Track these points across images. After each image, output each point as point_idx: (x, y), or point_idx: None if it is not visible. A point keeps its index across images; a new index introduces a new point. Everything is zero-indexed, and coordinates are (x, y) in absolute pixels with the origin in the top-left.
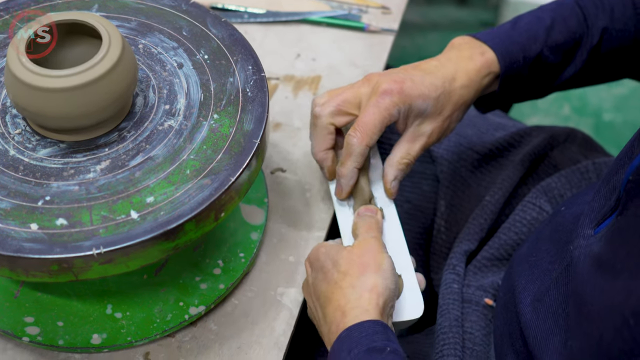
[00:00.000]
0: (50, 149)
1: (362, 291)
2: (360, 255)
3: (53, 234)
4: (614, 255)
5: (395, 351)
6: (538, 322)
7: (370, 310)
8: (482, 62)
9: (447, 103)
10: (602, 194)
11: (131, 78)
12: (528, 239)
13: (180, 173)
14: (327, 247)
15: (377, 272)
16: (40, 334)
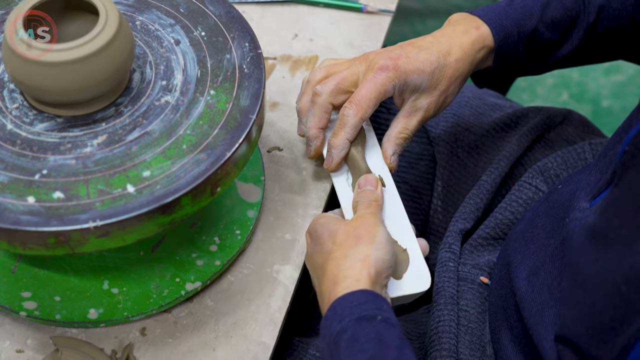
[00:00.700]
0: (47, 124)
1: (354, 262)
2: (355, 227)
3: (50, 207)
4: (608, 225)
5: (386, 320)
6: (533, 296)
7: (361, 280)
8: (477, 36)
9: (443, 77)
10: (598, 167)
11: (128, 53)
12: (524, 217)
13: (176, 148)
14: (326, 218)
15: (370, 244)
16: (37, 308)
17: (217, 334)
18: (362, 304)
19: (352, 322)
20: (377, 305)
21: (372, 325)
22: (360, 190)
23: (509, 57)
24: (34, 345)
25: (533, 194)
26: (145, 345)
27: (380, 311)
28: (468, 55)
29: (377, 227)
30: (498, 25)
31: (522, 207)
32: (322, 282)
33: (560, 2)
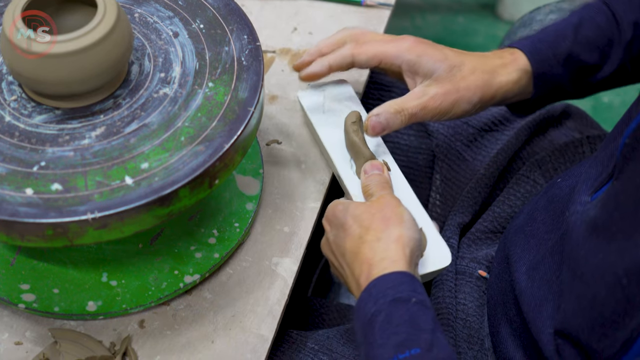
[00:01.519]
0: (45, 115)
1: (389, 242)
2: (379, 209)
3: (48, 199)
4: (609, 219)
5: (421, 302)
6: (532, 290)
7: (398, 261)
8: (510, 60)
9: (461, 77)
10: (599, 160)
11: (126, 45)
12: (523, 211)
13: (174, 140)
14: (344, 204)
15: (400, 224)
16: (36, 300)
17: (216, 326)
18: (397, 286)
19: (387, 304)
20: (412, 287)
21: (406, 307)
22: (368, 175)
23: (550, 80)
24: (32, 338)
25: (531, 187)
26: (144, 337)
27: (415, 293)
28: (496, 72)
29: (401, 207)
30: (532, 49)
31: (520, 201)
32: (354, 265)
33: (593, 22)
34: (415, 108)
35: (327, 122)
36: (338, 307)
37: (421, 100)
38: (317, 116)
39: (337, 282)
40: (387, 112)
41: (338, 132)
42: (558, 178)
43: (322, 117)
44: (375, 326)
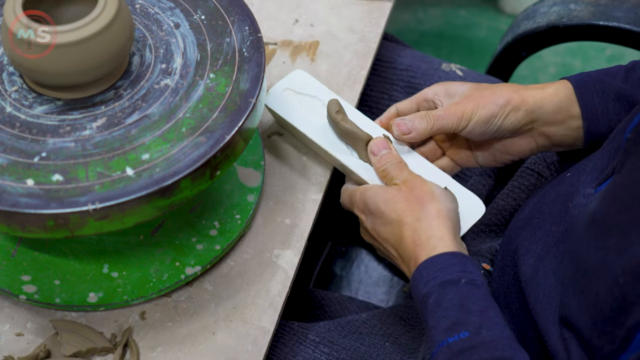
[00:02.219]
0: (46, 106)
1: (430, 221)
2: (410, 190)
3: (49, 190)
4: (606, 212)
5: (471, 281)
6: (538, 280)
7: (444, 237)
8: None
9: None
10: (606, 152)
11: (127, 36)
12: (528, 203)
13: (176, 131)
14: (371, 190)
15: (433, 200)
16: (37, 292)
17: (217, 318)
18: (446, 267)
19: (437, 287)
20: (461, 267)
21: (456, 289)
22: (379, 157)
23: (601, 115)
24: (33, 329)
25: (536, 180)
26: (145, 329)
27: (465, 273)
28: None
29: (428, 183)
30: (575, 77)
31: (524, 194)
32: (402, 248)
33: None
34: (439, 111)
35: (307, 119)
36: (339, 299)
37: (445, 106)
38: (294, 116)
39: (339, 274)
40: (413, 115)
41: (322, 124)
42: (567, 172)
43: (299, 115)
44: (428, 307)
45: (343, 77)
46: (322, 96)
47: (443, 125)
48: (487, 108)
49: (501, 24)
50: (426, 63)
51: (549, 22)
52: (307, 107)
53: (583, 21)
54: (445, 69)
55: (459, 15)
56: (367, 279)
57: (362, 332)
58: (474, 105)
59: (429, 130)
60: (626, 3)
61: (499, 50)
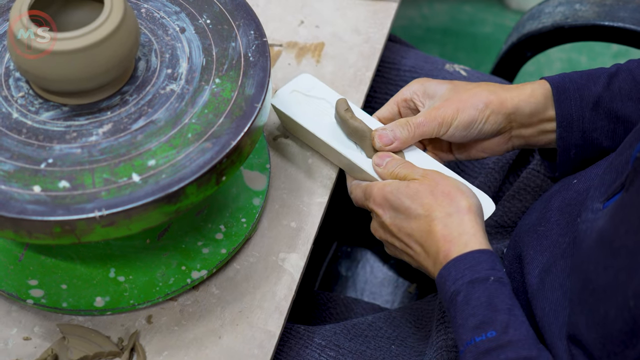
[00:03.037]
0: (53, 112)
1: (461, 216)
2: (433, 185)
3: (56, 197)
4: (615, 232)
5: (499, 279)
6: (545, 294)
7: (476, 233)
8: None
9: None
10: (614, 166)
11: (133, 41)
12: (535, 207)
13: (181, 137)
14: (392, 185)
15: (461, 194)
16: (44, 296)
17: (223, 322)
18: (474, 265)
19: (465, 285)
20: (490, 265)
21: (484, 287)
22: (384, 165)
23: (577, 122)
24: (41, 333)
25: (542, 181)
26: (152, 333)
27: (493, 271)
28: (506, 87)
29: (449, 179)
30: (557, 80)
31: (530, 195)
32: (428, 244)
33: (630, 74)
34: (419, 117)
35: (315, 119)
36: (345, 300)
37: (424, 112)
38: (302, 117)
39: (344, 275)
40: (394, 124)
41: (331, 124)
42: (574, 179)
43: (307, 116)
44: (456, 305)
45: (348, 79)
46: (329, 98)
47: (424, 132)
48: (467, 112)
49: (506, 19)
50: (430, 64)
51: (554, 22)
52: (314, 109)
53: (588, 21)
54: (449, 69)
55: (465, 11)
56: (372, 280)
57: (368, 335)
58: (453, 110)
59: (411, 138)
60: (631, 3)
61: (504, 50)
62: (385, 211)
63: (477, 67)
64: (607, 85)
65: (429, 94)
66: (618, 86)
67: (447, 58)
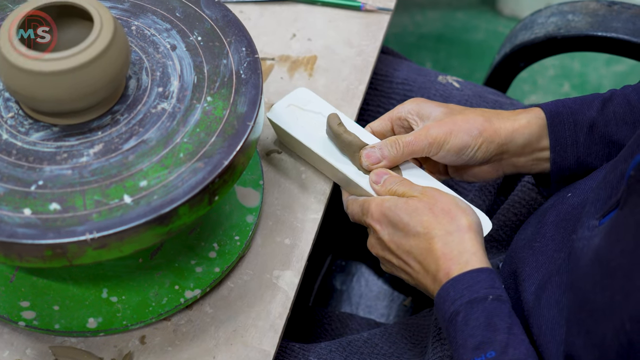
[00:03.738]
0: (43, 133)
1: (461, 234)
2: (433, 202)
3: (46, 219)
4: (611, 251)
5: (498, 297)
6: (541, 311)
7: (477, 252)
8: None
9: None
10: (608, 182)
11: (123, 60)
12: (530, 222)
13: (173, 156)
14: (390, 201)
15: (462, 212)
16: (36, 318)
17: (217, 341)
18: (473, 285)
19: (464, 305)
20: (489, 284)
21: (483, 306)
22: (382, 183)
23: (570, 149)
24: (33, 355)
25: (536, 194)
26: (145, 353)
27: (492, 289)
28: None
29: (448, 196)
30: (550, 106)
31: (525, 209)
32: (428, 262)
33: (625, 99)
34: (409, 136)
35: (311, 133)
36: (340, 316)
37: (415, 131)
38: (298, 131)
39: (339, 288)
40: (382, 143)
41: (327, 140)
42: (568, 192)
43: (303, 130)
44: (456, 326)
45: (341, 92)
46: (326, 112)
47: (413, 150)
48: (459, 137)
49: (499, 26)
50: (422, 76)
51: (547, 33)
52: (311, 123)
53: (581, 32)
54: (442, 81)
55: (457, 18)
56: (367, 293)
57: (364, 352)
58: (445, 132)
59: (400, 157)
60: (624, 13)
61: (497, 60)
62: (384, 227)
63: (471, 74)
64: (601, 109)
65: (423, 114)
66: (612, 110)
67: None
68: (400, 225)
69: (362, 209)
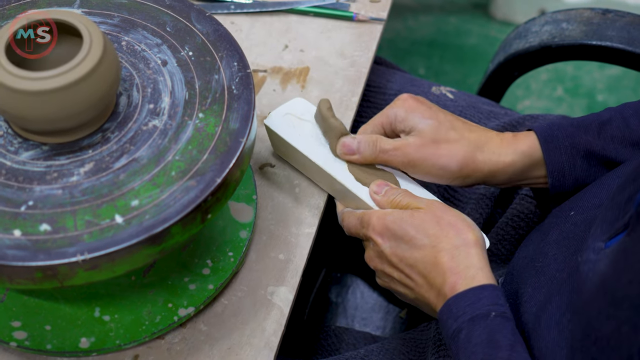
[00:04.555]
0: (32, 152)
1: (468, 249)
2: (439, 216)
3: (37, 241)
4: (618, 280)
5: (501, 314)
6: (541, 332)
7: (483, 267)
8: (511, 140)
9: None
10: (616, 202)
11: (114, 78)
12: (531, 239)
13: (165, 175)
14: (394, 214)
15: (468, 227)
16: (27, 338)
17: (212, 359)
18: (475, 302)
19: (466, 322)
20: (492, 300)
21: (485, 323)
22: (383, 193)
23: (567, 173)
24: None
25: (535, 207)
26: None
27: (495, 306)
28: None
29: (454, 210)
30: (545, 130)
31: (524, 222)
32: (433, 275)
33: (624, 122)
34: (387, 144)
35: (308, 142)
36: (336, 331)
37: (396, 142)
38: (296, 139)
39: (335, 301)
40: (363, 138)
41: (324, 150)
42: (571, 210)
43: (301, 139)
44: (459, 343)
45: (334, 104)
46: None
47: (386, 161)
48: (437, 167)
49: (492, 30)
50: (416, 87)
51: (541, 41)
52: (308, 132)
53: (576, 41)
54: (435, 92)
55: (450, 23)
56: (363, 305)
57: None
58: (423, 158)
59: (372, 159)
60: (619, 21)
61: (491, 69)
62: (385, 240)
63: (464, 79)
64: (598, 133)
65: (408, 125)
66: (610, 134)
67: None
68: (406, 238)
69: (362, 222)
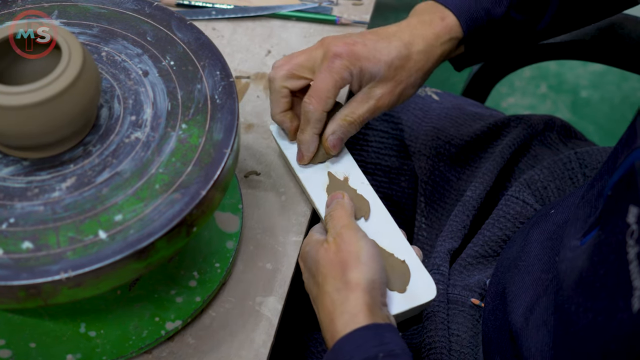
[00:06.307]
0: (12, 167)
1: (347, 293)
2: (336, 252)
3: (19, 259)
4: (594, 272)
5: (389, 353)
6: (530, 332)
7: (358, 314)
8: (442, 27)
9: (401, 68)
10: (587, 200)
11: (94, 90)
12: (515, 238)
13: (149, 188)
14: (310, 245)
15: (357, 267)
16: (12, 356)
17: None
18: (361, 345)
19: None
20: (377, 341)
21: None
22: (329, 207)
23: (482, 44)
24: None
25: (521, 208)
26: None
27: (382, 346)
28: (432, 47)
29: (359, 243)
30: (466, 15)
31: (510, 223)
32: (321, 316)
33: None
34: (366, 113)
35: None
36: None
37: (369, 105)
38: (291, 151)
39: None
40: (341, 126)
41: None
42: (551, 209)
43: (294, 149)
44: None
45: None
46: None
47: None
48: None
49: None
50: None
51: None
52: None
53: (562, 39)
54: (420, 93)
55: None
56: None
57: None
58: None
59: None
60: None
61: (475, 70)
62: (304, 270)
63: (448, 78)
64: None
65: (368, 78)
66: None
67: None
68: (311, 272)
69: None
